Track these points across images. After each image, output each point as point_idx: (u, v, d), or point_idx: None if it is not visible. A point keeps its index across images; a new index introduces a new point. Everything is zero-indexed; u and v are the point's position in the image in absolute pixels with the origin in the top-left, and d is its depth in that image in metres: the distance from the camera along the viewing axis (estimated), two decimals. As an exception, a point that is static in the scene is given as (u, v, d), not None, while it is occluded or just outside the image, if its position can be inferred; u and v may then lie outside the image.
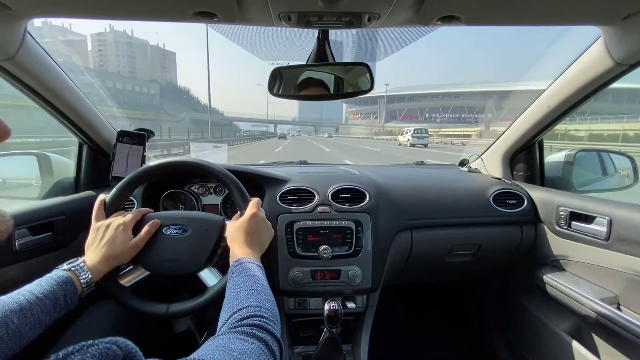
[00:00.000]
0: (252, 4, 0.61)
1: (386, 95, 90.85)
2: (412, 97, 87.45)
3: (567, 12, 0.66)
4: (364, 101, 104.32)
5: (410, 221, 1.07)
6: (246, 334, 0.43)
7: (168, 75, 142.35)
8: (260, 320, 0.46)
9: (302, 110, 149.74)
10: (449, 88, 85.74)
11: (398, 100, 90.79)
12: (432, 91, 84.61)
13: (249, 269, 0.59)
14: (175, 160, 0.81)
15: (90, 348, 0.29)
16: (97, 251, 0.67)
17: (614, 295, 0.86)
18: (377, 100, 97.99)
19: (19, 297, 0.52)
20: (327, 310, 0.87)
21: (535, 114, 1.10)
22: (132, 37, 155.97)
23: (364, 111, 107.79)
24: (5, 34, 0.69)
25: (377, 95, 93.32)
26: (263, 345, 0.43)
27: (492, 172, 1.36)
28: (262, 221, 0.73)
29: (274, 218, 0.96)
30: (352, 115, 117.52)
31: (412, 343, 1.53)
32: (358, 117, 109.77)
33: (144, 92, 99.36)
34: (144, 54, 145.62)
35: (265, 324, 0.46)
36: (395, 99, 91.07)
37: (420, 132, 23.42)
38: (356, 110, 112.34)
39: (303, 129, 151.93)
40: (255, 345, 0.41)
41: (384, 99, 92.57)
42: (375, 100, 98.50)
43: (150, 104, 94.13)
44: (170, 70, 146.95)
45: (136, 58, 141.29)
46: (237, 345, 0.40)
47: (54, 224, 0.90)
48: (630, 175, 1.22)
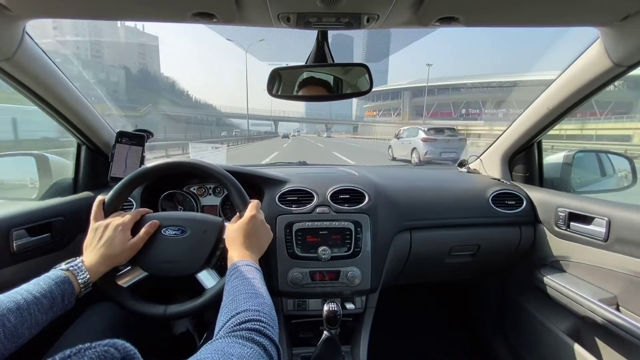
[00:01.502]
0: (251, 5, 0.61)
1: (412, 86, 72.45)
2: (444, 89, 66.48)
3: (566, 14, 0.66)
4: (383, 95, 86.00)
5: (409, 222, 1.07)
6: (245, 338, 0.43)
7: (148, 63, 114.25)
8: (259, 324, 0.46)
9: (309, 107, 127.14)
10: (498, 76, 61.70)
11: (428, 92, 67.42)
12: (471, 81, 62.83)
13: (247, 271, 0.59)
14: (174, 161, 0.81)
15: (87, 351, 0.29)
16: (95, 251, 0.67)
17: (613, 296, 0.86)
18: (399, 93, 78.00)
19: (17, 296, 0.52)
20: (326, 311, 0.87)
21: (534, 115, 1.10)
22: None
23: (383, 107, 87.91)
24: (4, 34, 0.69)
25: (400, 88, 76.88)
26: (262, 350, 0.42)
27: (491, 173, 1.37)
28: (261, 224, 0.73)
29: (273, 219, 0.96)
30: (367, 112, 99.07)
31: (411, 344, 1.53)
32: (375, 114, 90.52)
33: (104, 79, 74.06)
34: (115, 35, 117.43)
35: (264, 328, 0.46)
36: (422, 92, 68.40)
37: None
38: (373, 107, 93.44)
39: (309, 128, 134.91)
40: (253, 350, 0.41)
41: (409, 92, 73.62)
42: (397, 94, 78.48)
43: (114, 96, 70.85)
44: (150, 57, 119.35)
45: (104, 39, 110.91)
46: (235, 349, 0.40)
47: (52, 225, 0.90)
48: (628, 176, 1.23)
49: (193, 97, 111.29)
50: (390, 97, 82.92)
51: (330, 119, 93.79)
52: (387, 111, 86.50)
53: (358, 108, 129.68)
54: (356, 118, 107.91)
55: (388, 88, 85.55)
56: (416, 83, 73.17)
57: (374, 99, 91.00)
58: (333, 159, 11.05)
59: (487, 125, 37.52)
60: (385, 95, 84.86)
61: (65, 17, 0.68)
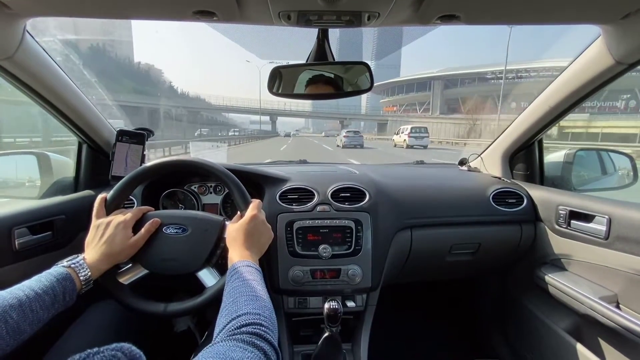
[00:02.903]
0: (251, 3, 0.61)
1: (446, 74, 54.68)
2: (485, 77, 49.37)
3: (567, 11, 0.66)
4: (406, 87, 66.82)
5: (410, 220, 1.07)
6: (245, 342, 0.43)
7: (116, 46, 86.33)
8: (259, 328, 0.46)
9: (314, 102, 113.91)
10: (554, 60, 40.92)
11: (464, 82, 52.97)
12: (527, 66, 45.01)
13: (247, 272, 0.59)
14: (176, 159, 0.81)
15: (95, 356, 0.29)
16: (96, 249, 0.67)
17: (614, 294, 0.86)
18: (427, 84, 59.29)
19: (19, 292, 0.52)
20: (327, 309, 0.87)
21: (535, 113, 1.10)
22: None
23: (406, 101, 68.14)
24: (5, 33, 0.69)
25: (429, 76, 58.08)
26: (262, 354, 0.42)
27: (492, 171, 1.36)
28: (262, 223, 0.73)
29: (274, 217, 0.96)
30: (386, 108, 79.08)
31: (412, 342, 1.53)
32: (396, 110, 71.32)
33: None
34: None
35: (265, 332, 0.46)
36: (457, 82, 53.10)
37: (418, 131, 20.37)
38: (392, 101, 73.53)
39: (316, 126, 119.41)
40: (254, 355, 0.41)
41: (440, 83, 55.55)
42: (425, 84, 59.92)
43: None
44: (117, 35, 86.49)
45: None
46: (237, 353, 0.40)
47: (53, 224, 0.90)
48: (629, 174, 1.22)
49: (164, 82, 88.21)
50: (415, 89, 63.78)
51: (338, 109, 71.95)
52: (410, 106, 66.66)
53: (369, 104, 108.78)
54: (367, 115, 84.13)
55: (412, 78, 64.94)
56: (450, 71, 55.81)
57: (391, 92, 73.08)
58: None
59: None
60: (410, 87, 66.07)
61: (66, 15, 0.68)
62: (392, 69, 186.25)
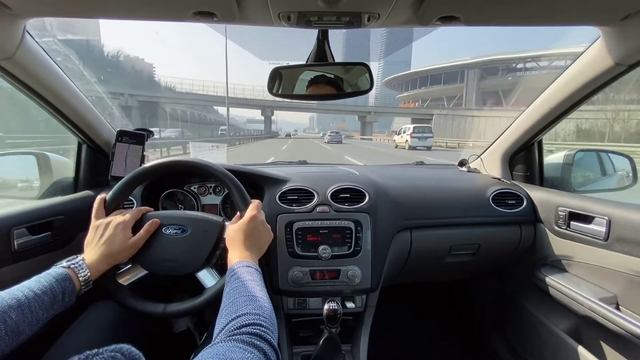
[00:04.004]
0: (251, 4, 0.61)
1: (485, 59, 45.36)
2: (531, 64, 42.09)
3: (567, 13, 0.66)
4: (431, 79, 56.97)
5: (409, 221, 1.07)
6: (245, 342, 0.43)
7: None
8: (259, 329, 0.46)
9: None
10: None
11: (504, 72, 44.43)
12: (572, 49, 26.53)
13: (247, 273, 0.59)
14: (175, 159, 0.81)
15: (95, 357, 0.29)
16: (96, 249, 0.67)
17: (613, 295, 0.86)
18: (457, 75, 49.83)
19: (18, 293, 0.52)
20: (327, 310, 0.87)
21: (535, 114, 1.10)
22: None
23: (430, 95, 58.26)
24: (4, 33, 0.69)
25: (462, 64, 48.43)
26: (262, 355, 0.42)
27: (492, 172, 1.37)
28: (262, 224, 0.73)
29: (274, 218, 0.96)
30: (404, 104, 66.99)
31: (411, 343, 1.53)
32: (416, 106, 59.33)
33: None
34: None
35: (265, 333, 0.46)
36: (498, 70, 44.48)
37: (421, 130, 18.45)
38: (413, 96, 62.91)
39: (322, 124, 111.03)
40: (254, 355, 0.41)
41: (476, 72, 45.85)
42: (454, 75, 50.58)
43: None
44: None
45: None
46: (237, 354, 0.40)
47: (53, 224, 0.90)
48: (629, 175, 1.22)
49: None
50: (442, 80, 53.88)
51: (371, 106, 58.37)
52: (436, 101, 56.74)
53: (378, 102, 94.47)
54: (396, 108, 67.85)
55: (438, 67, 55.48)
56: (487, 56, 46.06)
57: (411, 86, 62.97)
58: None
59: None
60: (435, 79, 55.96)
61: (66, 15, 0.68)
62: (402, 64, 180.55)
